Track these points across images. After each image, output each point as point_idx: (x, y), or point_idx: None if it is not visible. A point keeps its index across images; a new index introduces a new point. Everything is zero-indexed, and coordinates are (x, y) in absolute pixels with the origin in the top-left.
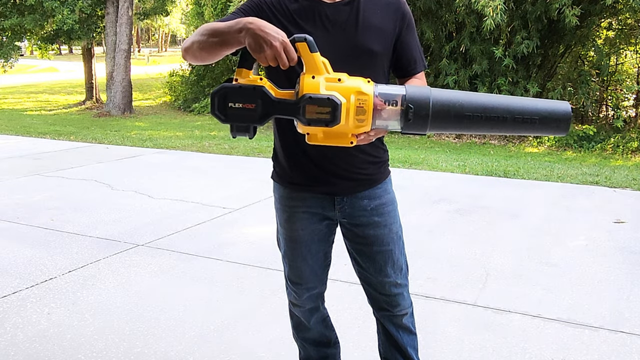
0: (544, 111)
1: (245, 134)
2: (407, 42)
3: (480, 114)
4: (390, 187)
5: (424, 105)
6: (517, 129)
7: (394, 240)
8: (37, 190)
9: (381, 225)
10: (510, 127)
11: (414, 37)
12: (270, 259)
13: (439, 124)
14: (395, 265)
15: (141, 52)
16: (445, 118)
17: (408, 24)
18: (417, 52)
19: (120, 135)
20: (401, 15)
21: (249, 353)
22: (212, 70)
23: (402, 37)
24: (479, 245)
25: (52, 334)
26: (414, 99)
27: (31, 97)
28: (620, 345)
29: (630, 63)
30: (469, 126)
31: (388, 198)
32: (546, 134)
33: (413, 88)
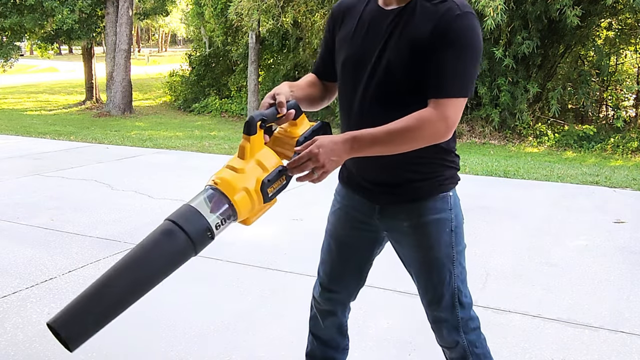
0: None
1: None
2: (437, 62)
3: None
4: (442, 207)
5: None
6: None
7: (432, 266)
8: (37, 190)
9: (415, 246)
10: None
11: (450, 58)
12: (270, 259)
13: None
14: (433, 294)
15: (141, 52)
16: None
17: (448, 43)
18: (443, 76)
19: (120, 135)
20: (443, 31)
21: (249, 353)
22: (212, 71)
23: (437, 54)
24: (479, 245)
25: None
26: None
27: (31, 97)
28: (620, 345)
29: (630, 63)
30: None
31: (432, 219)
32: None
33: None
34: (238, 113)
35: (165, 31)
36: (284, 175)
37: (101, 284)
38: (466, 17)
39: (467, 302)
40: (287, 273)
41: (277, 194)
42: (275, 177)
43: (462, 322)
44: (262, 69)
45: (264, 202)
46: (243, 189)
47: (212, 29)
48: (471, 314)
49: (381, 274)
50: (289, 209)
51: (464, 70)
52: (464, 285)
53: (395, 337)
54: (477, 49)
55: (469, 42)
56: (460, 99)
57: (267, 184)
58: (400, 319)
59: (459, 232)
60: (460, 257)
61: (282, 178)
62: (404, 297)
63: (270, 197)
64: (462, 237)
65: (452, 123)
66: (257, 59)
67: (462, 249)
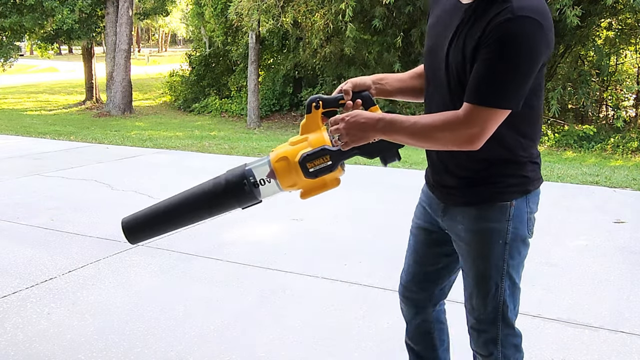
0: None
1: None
2: (477, 66)
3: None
4: (497, 216)
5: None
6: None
7: (478, 276)
8: (37, 190)
9: (466, 252)
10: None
11: (488, 65)
12: (270, 259)
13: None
14: (476, 304)
15: (141, 52)
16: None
17: (489, 46)
18: (477, 81)
19: (120, 135)
20: (488, 36)
21: (249, 353)
22: (212, 71)
23: (480, 58)
24: None
25: (52, 334)
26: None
27: (31, 97)
28: (620, 345)
29: (630, 63)
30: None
31: (485, 227)
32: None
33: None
34: (238, 113)
35: (165, 31)
36: (328, 155)
37: (161, 205)
38: (517, 22)
39: (513, 318)
40: (287, 273)
41: (321, 173)
42: (315, 154)
43: (502, 336)
44: (262, 69)
45: (305, 177)
46: (283, 158)
47: (212, 29)
48: (515, 329)
49: (381, 274)
50: (289, 209)
51: (502, 79)
52: (512, 300)
53: (395, 337)
54: (524, 58)
55: (512, 51)
56: (492, 109)
57: (306, 158)
58: (400, 319)
59: (516, 246)
60: (512, 271)
61: (325, 157)
62: None
63: (312, 173)
64: (519, 252)
65: (478, 132)
66: (257, 59)
67: (516, 264)
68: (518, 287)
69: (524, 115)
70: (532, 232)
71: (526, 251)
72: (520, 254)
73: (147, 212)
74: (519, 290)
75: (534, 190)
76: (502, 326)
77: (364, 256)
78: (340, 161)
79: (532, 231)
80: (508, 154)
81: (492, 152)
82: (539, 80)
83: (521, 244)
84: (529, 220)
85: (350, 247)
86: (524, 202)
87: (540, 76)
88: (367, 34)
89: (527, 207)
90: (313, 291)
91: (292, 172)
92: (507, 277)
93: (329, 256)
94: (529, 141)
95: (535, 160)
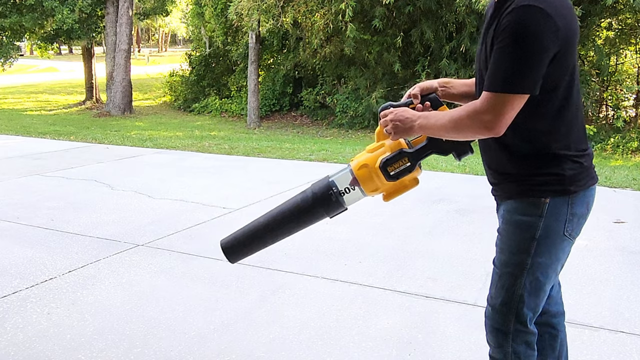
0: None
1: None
2: (492, 57)
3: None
4: (529, 211)
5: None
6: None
7: (500, 266)
8: (37, 190)
9: (499, 241)
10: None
11: (497, 53)
12: (270, 258)
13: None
14: (494, 292)
15: (141, 52)
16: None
17: (498, 37)
18: (490, 70)
19: (120, 135)
20: (499, 27)
21: (249, 353)
22: (212, 71)
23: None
24: (479, 245)
25: (52, 334)
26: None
27: (31, 97)
28: (620, 345)
29: (630, 63)
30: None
31: (516, 219)
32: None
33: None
34: (238, 113)
35: (165, 31)
36: (407, 157)
37: (256, 224)
38: (520, 10)
39: (528, 315)
40: (287, 273)
41: (401, 175)
42: (394, 158)
43: (514, 331)
44: (262, 69)
45: (387, 180)
46: (364, 165)
47: (212, 29)
48: (529, 327)
49: (381, 274)
50: None
51: (510, 64)
52: (532, 298)
53: (395, 337)
54: (527, 43)
55: (516, 37)
56: (504, 95)
57: (386, 163)
58: (400, 319)
59: (547, 245)
60: (538, 269)
61: (403, 160)
62: (404, 297)
63: (393, 176)
64: (550, 252)
65: (493, 118)
66: (257, 59)
67: (546, 263)
68: (543, 287)
69: (547, 111)
70: (569, 233)
71: (562, 253)
72: (553, 254)
73: (244, 232)
74: (543, 291)
75: (578, 190)
76: (514, 321)
77: (364, 256)
78: (417, 161)
79: (570, 232)
80: (536, 150)
81: (519, 149)
82: (560, 71)
83: (555, 244)
84: (568, 222)
85: (350, 247)
86: (565, 201)
87: (560, 67)
88: (367, 34)
89: (569, 207)
90: (313, 291)
91: (374, 177)
92: (530, 274)
93: (329, 256)
94: (560, 138)
95: (576, 159)
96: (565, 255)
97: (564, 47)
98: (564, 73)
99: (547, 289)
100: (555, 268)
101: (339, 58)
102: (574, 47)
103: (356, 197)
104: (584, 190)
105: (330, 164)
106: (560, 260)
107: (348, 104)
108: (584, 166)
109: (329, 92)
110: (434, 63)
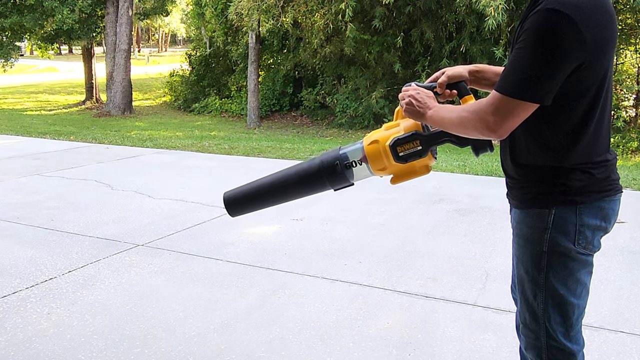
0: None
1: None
2: (510, 57)
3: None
4: (534, 223)
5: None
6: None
7: (519, 280)
8: (37, 190)
9: (514, 253)
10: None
11: (515, 54)
12: (271, 259)
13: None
14: (520, 306)
15: (141, 52)
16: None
17: (520, 36)
18: (504, 71)
19: (120, 135)
20: (523, 24)
21: (249, 353)
22: (212, 71)
23: None
24: (479, 245)
25: (52, 334)
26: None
27: (31, 97)
28: (620, 345)
29: (630, 63)
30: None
31: (523, 231)
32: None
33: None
34: (238, 113)
35: (165, 31)
36: (419, 140)
37: (260, 182)
38: (543, 15)
39: (558, 330)
40: (287, 273)
41: (411, 158)
42: (406, 139)
43: (547, 347)
44: (262, 69)
45: (395, 161)
46: (375, 141)
47: (213, 29)
48: (562, 342)
49: (381, 274)
50: (289, 209)
51: (523, 69)
52: (558, 313)
53: (395, 337)
54: (545, 50)
55: (535, 43)
56: (511, 100)
57: (397, 142)
58: (400, 319)
59: (558, 257)
60: (557, 283)
61: (415, 142)
62: (404, 297)
63: (402, 157)
64: (562, 265)
65: (496, 120)
66: (257, 59)
67: (562, 276)
68: (567, 300)
69: (570, 121)
70: (583, 246)
71: (577, 265)
72: (566, 267)
73: (248, 188)
74: (570, 304)
75: (586, 202)
76: (545, 336)
77: (364, 256)
78: (430, 147)
79: (583, 245)
80: (549, 161)
81: (528, 157)
82: (587, 82)
83: (565, 256)
84: (579, 234)
85: (350, 247)
86: (572, 212)
87: (587, 78)
88: (367, 34)
89: (577, 218)
90: (313, 291)
91: (383, 155)
92: (548, 288)
93: (329, 256)
94: (579, 150)
95: (587, 170)
96: (586, 268)
97: (591, 58)
98: (591, 83)
99: (576, 302)
100: (578, 279)
101: (339, 58)
102: (608, 55)
103: (364, 174)
104: (597, 201)
105: None
106: (578, 272)
107: (348, 104)
108: (595, 177)
109: (329, 92)
110: (434, 63)
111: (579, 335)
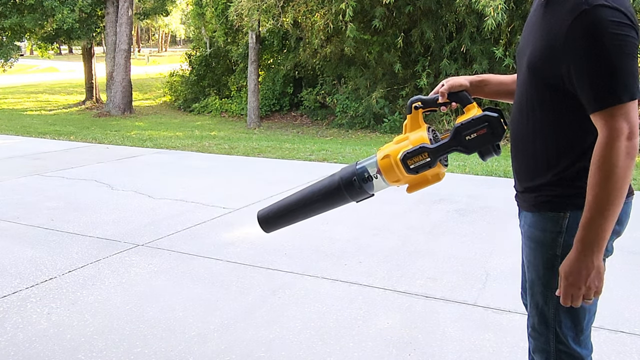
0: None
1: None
2: (575, 73)
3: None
4: (547, 226)
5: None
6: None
7: (530, 284)
8: (37, 190)
9: (524, 256)
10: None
11: (588, 66)
12: (271, 259)
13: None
14: (530, 310)
15: (141, 52)
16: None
17: (577, 50)
18: (588, 91)
19: (120, 135)
20: (572, 34)
21: (249, 353)
22: (212, 71)
23: (571, 62)
24: (479, 245)
25: (52, 334)
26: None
27: (31, 97)
28: (620, 345)
29: None
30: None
31: (535, 234)
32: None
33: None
34: (238, 113)
35: (165, 31)
36: (427, 152)
37: (288, 201)
38: (592, 13)
39: (568, 334)
40: (287, 273)
41: (421, 169)
42: (415, 152)
43: (556, 351)
44: (262, 69)
45: (406, 173)
46: (386, 155)
47: (213, 30)
48: (572, 346)
49: (381, 274)
50: None
51: (611, 73)
52: (570, 317)
53: (395, 337)
54: (609, 50)
55: (594, 49)
56: (615, 107)
57: (406, 156)
58: (400, 319)
59: None
60: None
61: (423, 154)
62: (404, 297)
63: (412, 169)
64: None
65: (630, 129)
66: (257, 59)
67: None
68: (581, 305)
69: (584, 121)
70: None
71: None
72: None
73: (279, 206)
74: (581, 309)
75: None
76: (554, 340)
77: (364, 256)
78: (437, 158)
79: None
80: (563, 162)
81: (545, 160)
82: None
83: None
84: None
85: (350, 247)
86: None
87: None
88: (367, 34)
89: None
90: (313, 291)
91: (395, 168)
92: (548, 286)
93: (329, 256)
94: (583, 149)
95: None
96: None
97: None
98: None
99: (587, 306)
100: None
101: (339, 58)
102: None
103: (382, 186)
104: None
105: (330, 164)
106: None
107: (348, 104)
108: None
109: (329, 92)
110: (434, 63)
111: (588, 340)
